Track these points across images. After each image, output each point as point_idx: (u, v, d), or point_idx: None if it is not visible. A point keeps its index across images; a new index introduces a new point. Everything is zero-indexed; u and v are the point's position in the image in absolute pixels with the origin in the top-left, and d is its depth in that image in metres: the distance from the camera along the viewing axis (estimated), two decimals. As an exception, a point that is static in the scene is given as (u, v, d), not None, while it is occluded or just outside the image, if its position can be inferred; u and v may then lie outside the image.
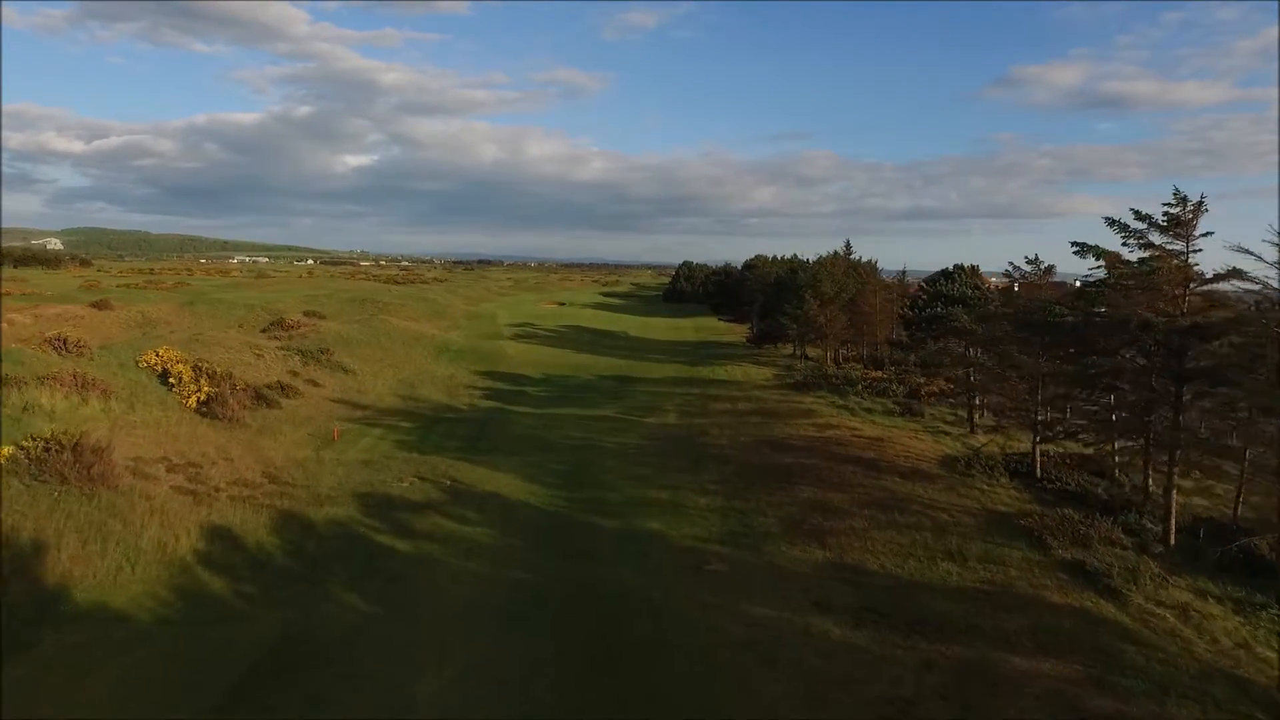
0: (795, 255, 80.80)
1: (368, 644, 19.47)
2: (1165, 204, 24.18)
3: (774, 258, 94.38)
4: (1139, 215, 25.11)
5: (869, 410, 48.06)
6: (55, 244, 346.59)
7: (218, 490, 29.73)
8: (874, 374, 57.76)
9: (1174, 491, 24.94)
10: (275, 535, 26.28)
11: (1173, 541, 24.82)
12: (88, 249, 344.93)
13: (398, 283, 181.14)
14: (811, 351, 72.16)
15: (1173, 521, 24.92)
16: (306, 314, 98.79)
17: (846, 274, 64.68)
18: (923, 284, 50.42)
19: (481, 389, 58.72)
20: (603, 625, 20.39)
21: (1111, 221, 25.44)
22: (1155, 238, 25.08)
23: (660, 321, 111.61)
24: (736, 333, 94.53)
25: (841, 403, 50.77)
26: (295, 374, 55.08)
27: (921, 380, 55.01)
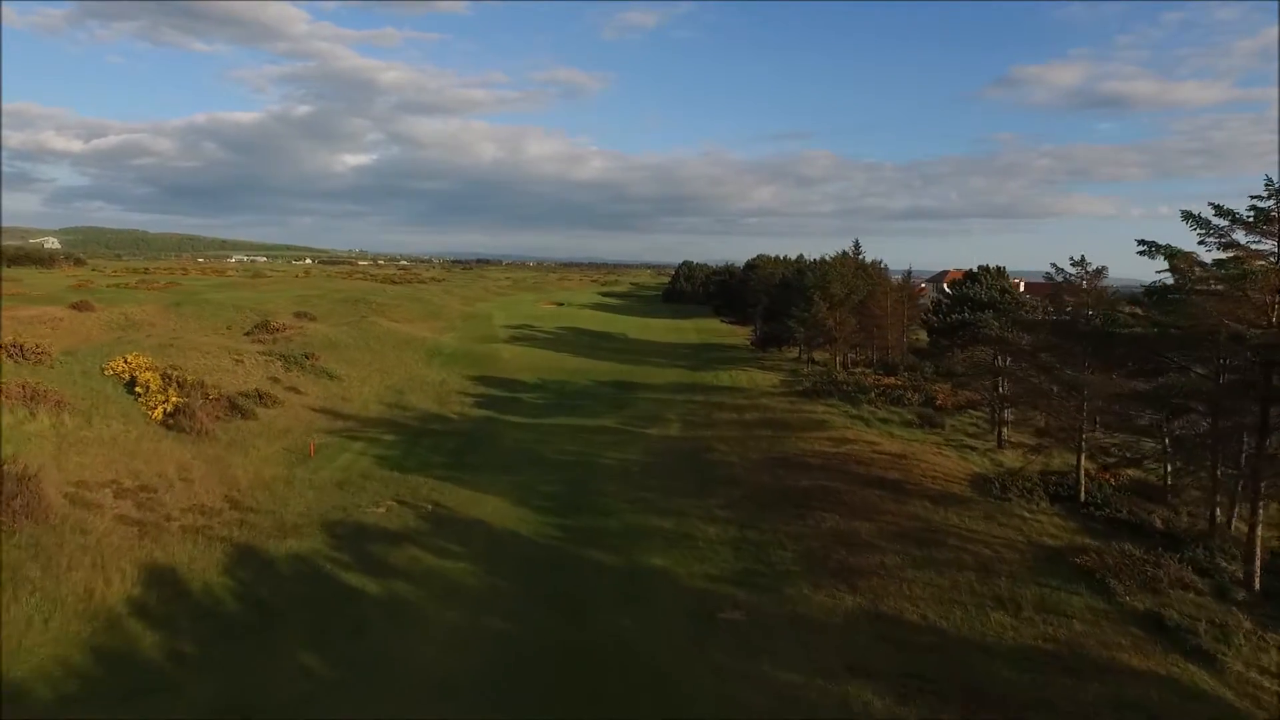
0: (801, 255, 77.38)
1: (317, 722, 16.03)
2: (1254, 196, 20.76)
3: (777, 257, 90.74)
4: (1220, 210, 21.68)
5: (885, 421, 44.58)
6: (53, 243, 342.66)
7: (169, 519, 26.21)
8: (887, 381, 54.31)
9: (1259, 528, 21.46)
10: (227, 575, 22.78)
11: (1257, 585, 21.37)
12: (85, 248, 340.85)
13: (394, 282, 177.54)
14: (817, 356, 68.67)
15: (1257, 564, 21.47)
16: (297, 315, 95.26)
17: (856, 275, 61.21)
18: (945, 287, 46.58)
19: (473, 396, 55.21)
20: (597, 698, 16.91)
21: (1189, 216, 21.97)
22: (1240, 236, 21.67)
23: (660, 323, 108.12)
24: (739, 335, 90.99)
25: (855, 412, 47.28)
26: (276, 381, 51.56)
27: (938, 388, 51.55)
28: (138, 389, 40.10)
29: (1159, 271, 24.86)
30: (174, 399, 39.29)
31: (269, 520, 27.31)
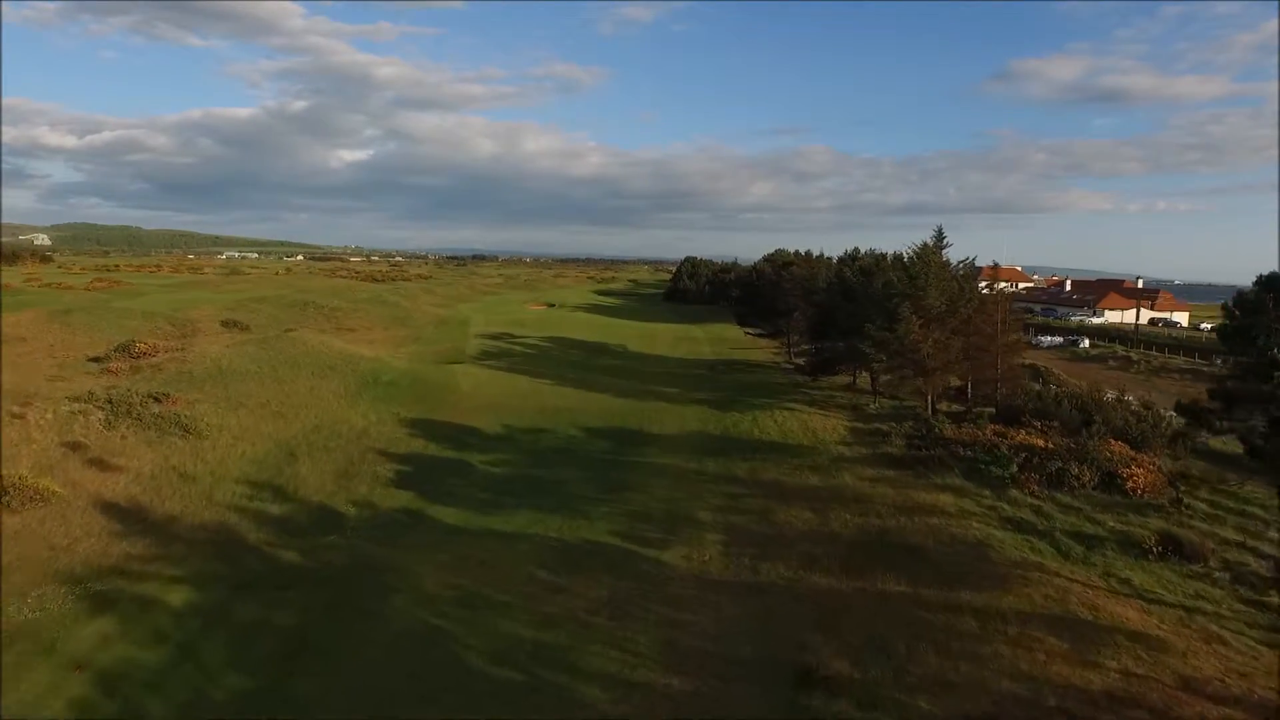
0: (858, 248, 56.21)
1: None
2: None
3: (811, 253, 68.86)
4: None
5: (1091, 542, 24.00)
6: (43, 240, 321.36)
7: None
8: (1021, 439, 33.73)
9: None
10: None
11: None
12: (76, 245, 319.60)
13: (376, 280, 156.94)
14: (868, 382, 48.04)
15: None
16: (224, 324, 74.49)
17: (956, 280, 40.61)
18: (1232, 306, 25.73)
19: (399, 461, 34.69)
20: None
21: None
22: None
23: (666, 330, 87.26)
24: (765, 350, 70.06)
25: (1010, 510, 26.82)
26: (75, 449, 30.89)
27: (1116, 454, 31.14)
28: None
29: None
30: None
31: None
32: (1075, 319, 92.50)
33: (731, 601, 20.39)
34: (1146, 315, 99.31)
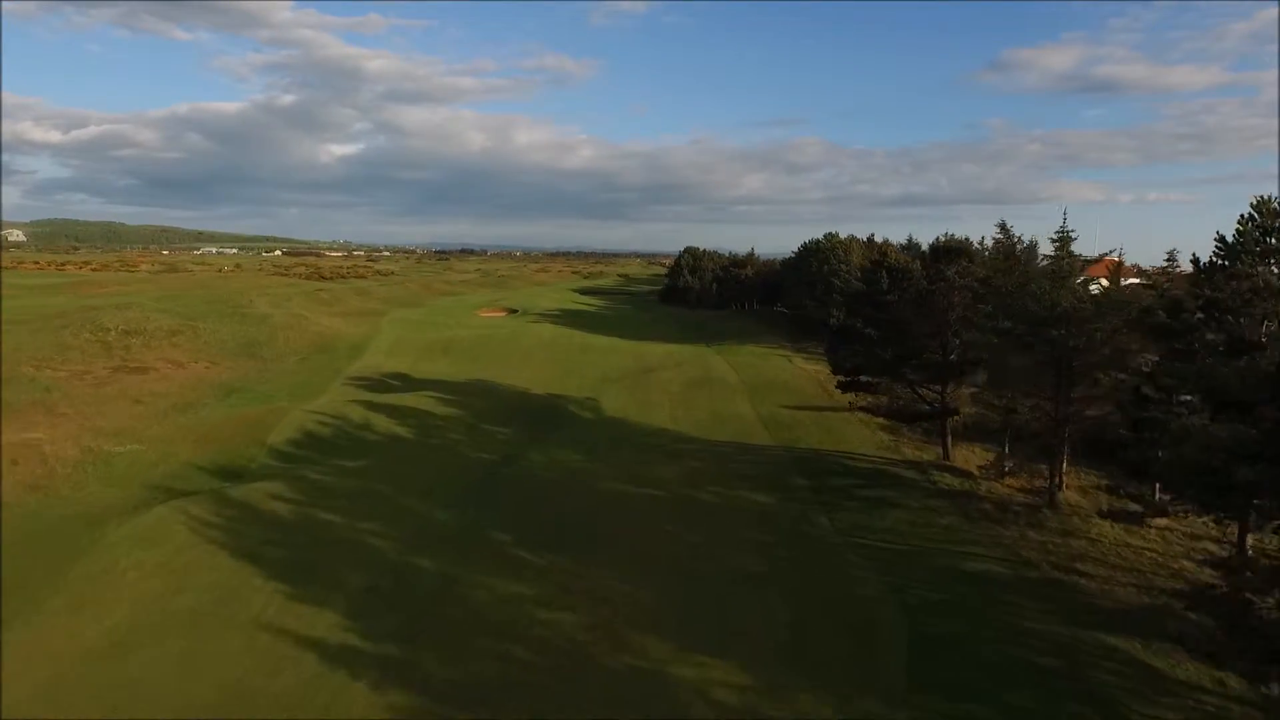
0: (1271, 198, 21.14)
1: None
2: None
3: (962, 239, 30.13)
4: None
5: None
6: (18, 236, 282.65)
7: None
8: None
9: None
10: None
11: None
12: (53, 241, 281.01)
13: (324, 277, 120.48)
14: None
15: None
16: None
17: None
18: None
19: None
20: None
21: None
22: None
23: (668, 357, 50.89)
24: (865, 423, 33.70)
25: None
26: None
27: None
28: None
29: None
30: None
31: None
32: None
33: None
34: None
